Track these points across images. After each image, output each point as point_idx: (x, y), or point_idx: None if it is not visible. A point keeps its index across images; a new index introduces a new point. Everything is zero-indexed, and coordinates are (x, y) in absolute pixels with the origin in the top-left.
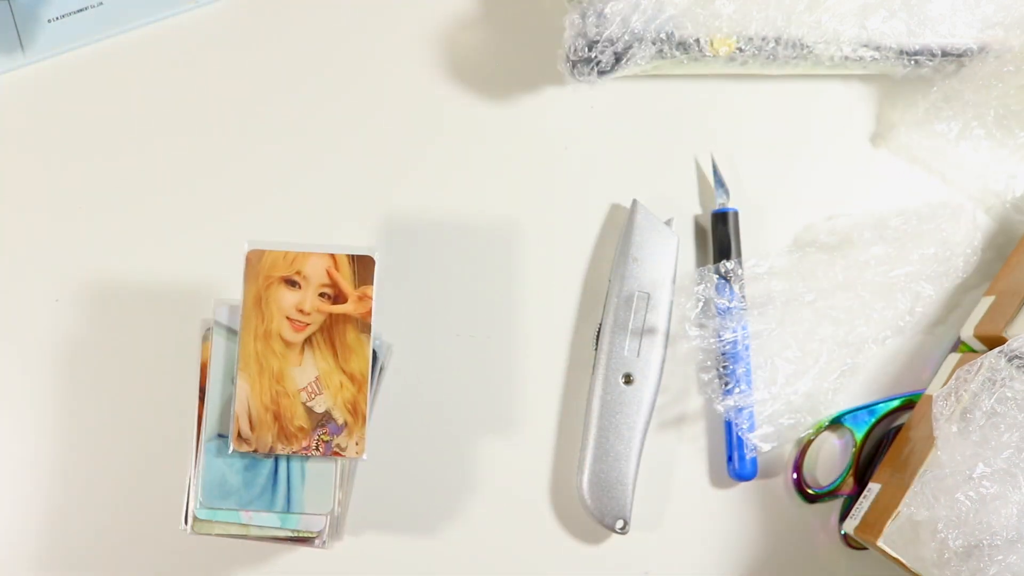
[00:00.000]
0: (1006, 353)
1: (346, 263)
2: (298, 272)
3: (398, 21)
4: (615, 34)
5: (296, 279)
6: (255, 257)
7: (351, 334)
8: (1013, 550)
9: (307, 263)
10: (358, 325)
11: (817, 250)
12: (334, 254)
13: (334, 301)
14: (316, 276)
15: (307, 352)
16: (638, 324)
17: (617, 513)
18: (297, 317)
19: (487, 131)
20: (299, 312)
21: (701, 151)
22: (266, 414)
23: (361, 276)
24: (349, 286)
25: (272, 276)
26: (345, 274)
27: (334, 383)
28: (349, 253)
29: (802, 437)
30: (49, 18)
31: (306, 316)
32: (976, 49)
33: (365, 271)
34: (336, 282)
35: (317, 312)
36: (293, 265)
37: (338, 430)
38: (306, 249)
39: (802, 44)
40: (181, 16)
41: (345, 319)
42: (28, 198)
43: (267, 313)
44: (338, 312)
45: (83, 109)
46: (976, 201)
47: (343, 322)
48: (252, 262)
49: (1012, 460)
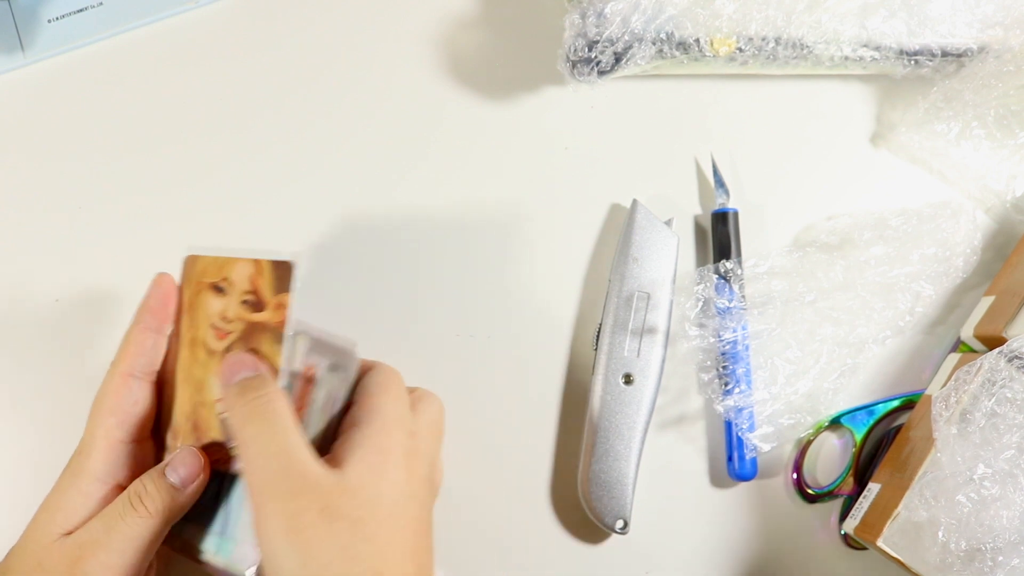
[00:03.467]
0: (1006, 354)
1: (268, 269)
2: (225, 278)
3: (398, 21)
4: (615, 34)
5: (223, 285)
6: (191, 262)
7: (267, 344)
8: (1016, 552)
9: (234, 269)
10: (273, 335)
11: (817, 250)
12: (259, 260)
13: (255, 309)
14: (240, 282)
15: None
16: (638, 324)
17: (617, 513)
18: (220, 325)
19: (487, 131)
20: (222, 320)
21: (701, 151)
22: (187, 424)
23: (280, 283)
24: (269, 293)
25: (202, 282)
26: (267, 281)
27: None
28: (271, 258)
29: (802, 437)
30: (49, 18)
31: (228, 324)
32: (976, 49)
33: (283, 278)
34: (257, 289)
35: (238, 320)
36: (222, 271)
37: None
38: (236, 254)
39: (802, 44)
40: (181, 16)
41: (262, 328)
42: (28, 198)
43: (195, 320)
44: (256, 320)
45: (83, 109)
46: (976, 201)
47: (260, 331)
48: (188, 267)
49: (1013, 461)
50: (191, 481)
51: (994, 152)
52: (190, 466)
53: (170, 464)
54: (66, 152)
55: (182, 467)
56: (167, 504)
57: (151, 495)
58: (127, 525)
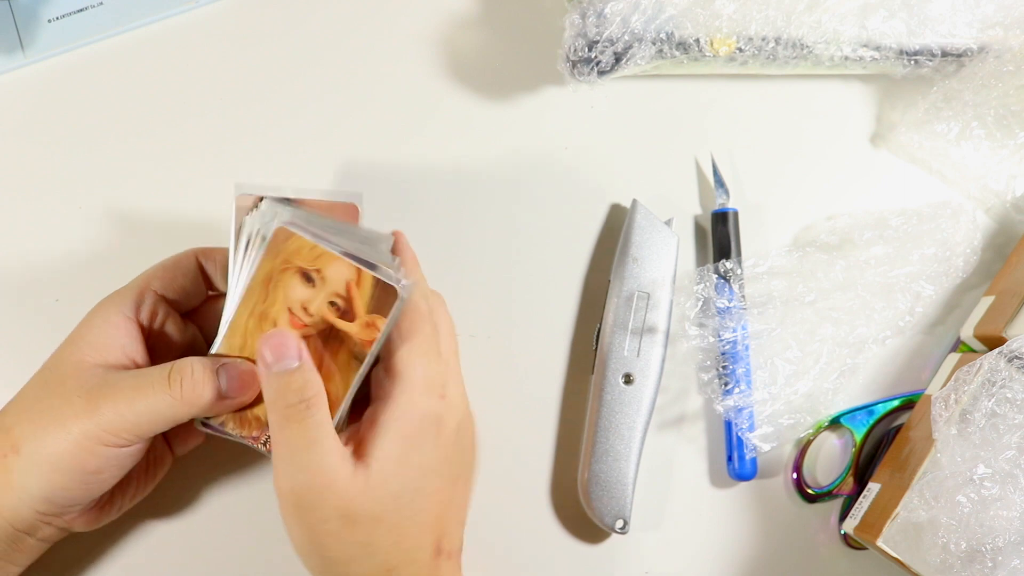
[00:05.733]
0: (1006, 354)
1: (369, 283)
2: (318, 270)
3: (398, 21)
4: (615, 34)
5: (313, 276)
6: (282, 236)
7: (343, 356)
8: (1016, 553)
9: (330, 265)
10: (354, 350)
11: (817, 250)
12: (360, 268)
13: (342, 315)
14: (334, 282)
15: None
16: (638, 324)
17: (617, 513)
18: (300, 314)
19: (487, 131)
20: (303, 310)
21: (701, 151)
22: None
23: (379, 304)
24: (362, 307)
25: (291, 262)
26: (364, 294)
27: None
28: (378, 276)
29: (802, 437)
30: (49, 18)
31: (308, 316)
32: (976, 49)
33: (384, 300)
34: (351, 297)
35: (320, 318)
36: (317, 261)
37: None
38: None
39: (802, 44)
40: (181, 16)
41: (344, 338)
42: (28, 198)
43: (272, 296)
44: (341, 327)
45: (83, 109)
46: (976, 201)
47: (340, 340)
48: (278, 239)
49: (1013, 461)
50: (234, 395)
51: (994, 152)
52: (242, 382)
53: (225, 365)
54: (66, 152)
55: (235, 379)
56: (203, 400)
57: (192, 382)
58: (155, 394)
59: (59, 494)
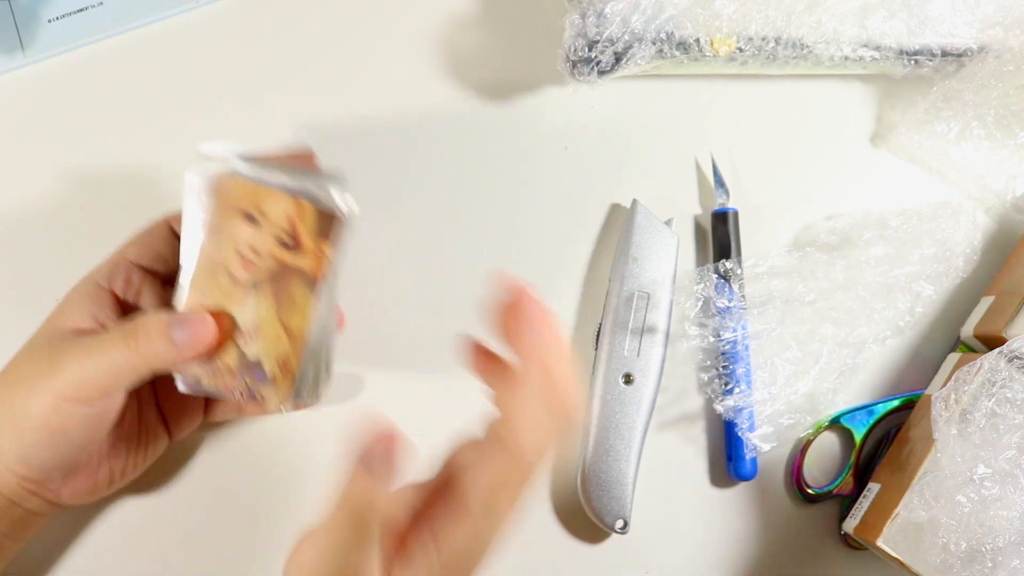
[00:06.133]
0: (1006, 354)
1: (311, 214)
2: (259, 209)
3: (398, 21)
4: (615, 34)
5: (256, 216)
6: (221, 181)
7: (298, 289)
8: (1016, 553)
9: (271, 202)
10: (308, 281)
11: (817, 250)
12: (301, 201)
13: (290, 250)
14: (277, 219)
15: (252, 294)
16: (638, 324)
17: (617, 513)
18: (249, 256)
19: (487, 131)
20: (252, 251)
21: (701, 151)
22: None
23: (323, 231)
24: (308, 238)
25: (234, 206)
26: (308, 225)
27: (271, 333)
28: (318, 204)
29: (802, 437)
30: (49, 18)
31: (258, 257)
32: (976, 49)
33: (329, 227)
34: (296, 231)
35: (270, 256)
36: (256, 201)
37: (263, 380)
38: (274, 185)
39: (802, 44)
40: (181, 16)
41: (296, 271)
42: (28, 198)
43: (221, 243)
44: (291, 262)
45: (83, 109)
46: (976, 201)
47: (293, 274)
48: (218, 185)
49: (1013, 461)
50: (188, 347)
51: (994, 152)
52: (197, 333)
53: (179, 319)
54: (66, 152)
55: (189, 330)
56: (156, 352)
57: (147, 336)
58: (114, 350)
59: (32, 453)
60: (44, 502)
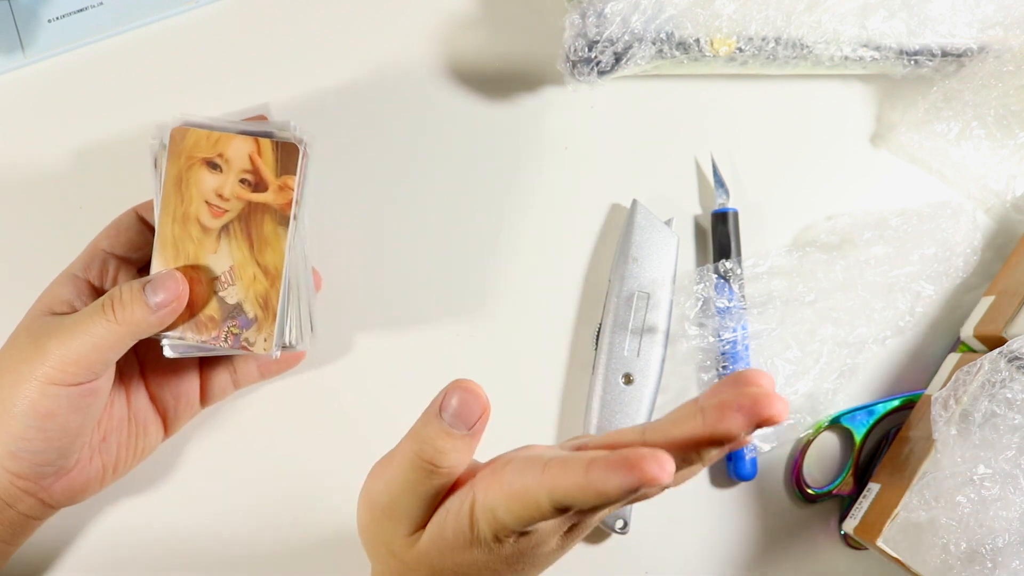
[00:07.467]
0: (1006, 354)
1: (269, 149)
2: (220, 154)
3: (398, 21)
4: (615, 34)
5: (218, 162)
6: (179, 135)
7: (268, 225)
8: (1017, 553)
9: (229, 145)
10: (276, 216)
11: (817, 250)
12: (258, 138)
13: (255, 189)
14: (238, 160)
15: (223, 240)
16: (638, 324)
17: (617, 513)
18: (216, 202)
19: (487, 131)
20: (218, 197)
21: (701, 151)
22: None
23: (284, 164)
24: (271, 174)
25: (194, 157)
26: (268, 161)
27: (247, 275)
28: (276, 139)
29: (802, 437)
30: (49, 18)
31: (225, 202)
32: (976, 49)
33: (289, 159)
34: (257, 168)
35: (236, 199)
36: (216, 147)
37: (247, 324)
38: (229, 129)
39: (802, 44)
40: (181, 16)
41: (263, 209)
42: (28, 198)
43: (187, 195)
44: (257, 201)
45: (83, 109)
46: (976, 201)
47: (261, 212)
48: (176, 140)
49: (1013, 461)
50: (164, 305)
51: (994, 152)
52: (169, 290)
53: (151, 282)
54: (66, 152)
55: (162, 290)
56: (136, 318)
57: (123, 304)
58: (93, 323)
59: (20, 444)
60: (37, 502)
